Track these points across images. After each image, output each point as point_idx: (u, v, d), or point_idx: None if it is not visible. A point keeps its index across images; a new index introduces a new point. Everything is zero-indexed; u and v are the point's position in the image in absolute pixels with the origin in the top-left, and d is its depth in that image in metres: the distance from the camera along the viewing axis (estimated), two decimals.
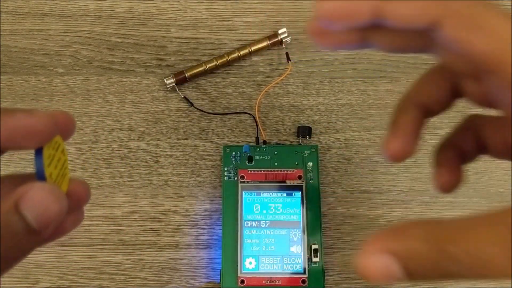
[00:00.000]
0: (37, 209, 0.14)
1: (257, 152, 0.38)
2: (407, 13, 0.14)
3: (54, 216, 0.15)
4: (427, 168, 0.39)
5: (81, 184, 0.18)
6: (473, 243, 0.12)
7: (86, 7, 0.42)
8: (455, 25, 0.14)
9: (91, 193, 0.19)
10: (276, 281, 0.34)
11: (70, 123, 0.18)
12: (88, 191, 0.19)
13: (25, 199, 0.14)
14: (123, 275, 0.37)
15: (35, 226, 0.14)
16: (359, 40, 0.16)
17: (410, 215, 0.38)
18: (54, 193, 0.15)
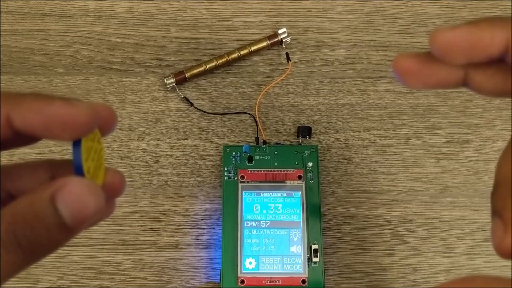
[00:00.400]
0: (74, 205, 0.14)
1: (257, 152, 0.38)
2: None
3: (90, 213, 0.14)
4: (427, 168, 0.39)
5: (117, 174, 0.17)
6: None
7: (86, 7, 0.42)
8: None
9: (126, 184, 0.17)
10: (276, 281, 0.34)
11: (112, 117, 0.16)
12: (124, 182, 0.17)
13: (62, 193, 0.14)
14: (123, 275, 0.37)
15: (69, 222, 0.14)
16: (459, 79, 0.15)
17: (410, 215, 0.38)
18: (92, 190, 0.14)
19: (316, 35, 0.42)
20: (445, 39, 0.13)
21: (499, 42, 0.13)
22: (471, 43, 0.13)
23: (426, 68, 0.14)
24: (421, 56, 0.14)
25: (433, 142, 0.40)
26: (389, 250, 0.38)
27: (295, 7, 0.42)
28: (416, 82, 0.15)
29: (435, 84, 0.15)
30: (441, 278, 0.37)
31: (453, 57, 0.13)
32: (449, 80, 0.15)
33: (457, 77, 0.15)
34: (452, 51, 0.13)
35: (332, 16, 0.42)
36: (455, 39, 0.13)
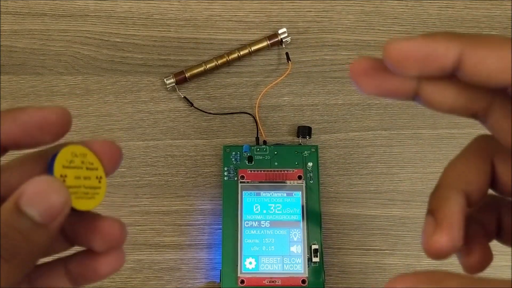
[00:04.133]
0: (38, 204, 0.14)
1: (257, 152, 0.38)
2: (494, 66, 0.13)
3: (57, 206, 0.14)
4: (427, 168, 0.39)
5: (115, 223, 0.17)
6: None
7: (86, 7, 0.42)
8: None
9: (127, 234, 0.18)
10: (276, 281, 0.34)
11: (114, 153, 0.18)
12: (123, 231, 0.17)
13: (24, 197, 0.14)
14: (123, 275, 0.37)
15: (40, 220, 0.14)
16: (411, 91, 0.14)
17: (410, 215, 0.38)
18: (52, 184, 0.15)
19: (316, 35, 0.42)
20: (399, 49, 0.13)
21: (452, 56, 0.13)
22: (424, 55, 0.13)
23: (381, 74, 0.14)
24: (379, 61, 0.14)
25: (433, 142, 0.40)
26: (389, 250, 0.38)
27: (295, 7, 0.42)
28: (369, 86, 0.15)
29: (387, 92, 0.15)
30: None
31: (406, 68, 0.13)
32: (401, 90, 0.14)
33: (409, 88, 0.14)
34: (406, 62, 0.13)
35: (332, 16, 0.42)
36: (409, 49, 0.13)
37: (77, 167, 0.16)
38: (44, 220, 0.14)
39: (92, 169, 0.17)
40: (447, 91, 0.14)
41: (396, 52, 0.13)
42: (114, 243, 0.17)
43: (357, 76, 0.15)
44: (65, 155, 0.16)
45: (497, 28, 0.42)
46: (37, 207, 0.14)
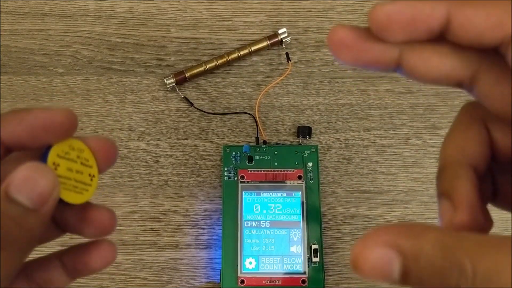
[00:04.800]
0: (26, 189, 0.14)
1: (257, 152, 0.38)
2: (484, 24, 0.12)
3: (45, 191, 0.15)
4: (427, 168, 0.39)
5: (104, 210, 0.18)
6: (488, 262, 0.11)
7: (86, 7, 0.42)
8: None
9: (116, 222, 0.18)
10: (276, 281, 0.34)
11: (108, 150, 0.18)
12: (113, 219, 0.18)
13: (12, 185, 0.14)
14: (123, 275, 0.37)
15: (30, 206, 0.14)
16: (393, 60, 0.14)
17: (410, 215, 0.38)
18: (39, 169, 0.15)
19: (316, 35, 0.42)
20: (384, 13, 0.13)
21: (440, 16, 0.13)
22: (411, 17, 0.13)
23: (361, 42, 0.14)
24: (359, 30, 0.14)
25: (433, 142, 0.40)
26: None
27: (295, 7, 0.42)
28: (348, 56, 0.14)
29: (367, 63, 0.14)
30: None
31: (392, 33, 0.13)
32: (382, 60, 0.14)
33: (391, 58, 0.14)
34: (391, 26, 0.13)
35: (332, 16, 0.42)
36: (394, 12, 0.13)
37: (72, 160, 0.16)
38: (34, 205, 0.14)
39: (86, 165, 0.17)
40: (431, 59, 0.14)
41: (381, 17, 0.13)
42: (104, 231, 0.18)
43: (335, 47, 0.14)
44: (62, 146, 0.16)
45: None
46: (25, 193, 0.14)
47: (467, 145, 0.15)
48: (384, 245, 0.12)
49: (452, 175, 0.15)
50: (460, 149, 0.16)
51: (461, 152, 0.15)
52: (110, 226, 0.18)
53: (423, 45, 0.14)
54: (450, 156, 0.16)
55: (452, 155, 0.16)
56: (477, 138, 0.15)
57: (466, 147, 0.15)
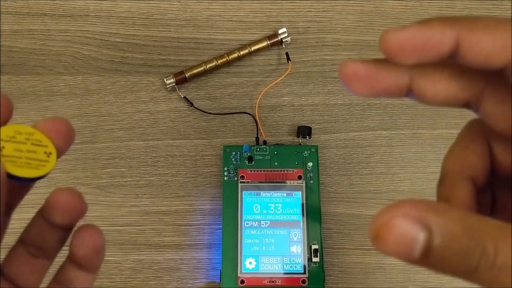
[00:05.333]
0: None
1: (257, 152, 0.38)
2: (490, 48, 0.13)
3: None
4: (427, 168, 0.39)
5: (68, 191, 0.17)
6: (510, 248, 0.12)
7: (86, 7, 0.42)
8: None
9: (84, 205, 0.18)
10: (276, 281, 0.34)
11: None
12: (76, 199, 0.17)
13: None
14: (123, 275, 0.37)
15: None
16: (405, 86, 0.15)
17: None
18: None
19: (316, 35, 0.42)
20: (395, 39, 0.13)
21: (449, 41, 0.13)
22: (422, 42, 0.13)
23: (373, 73, 0.14)
24: (368, 61, 0.15)
25: (433, 142, 0.40)
26: None
27: (295, 7, 0.42)
28: (363, 87, 0.14)
29: (381, 90, 0.15)
30: (441, 278, 0.37)
31: (404, 56, 0.14)
32: (394, 87, 0.15)
33: (402, 84, 0.15)
34: (403, 51, 0.13)
35: (332, 16, 0.42)
36: (406, 38, 0.13)
37: (20, 142, 0.17)
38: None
39: (39, 145, 0.17)
40: (440, 82, 0.15)
41: (393, 43, 0.13)
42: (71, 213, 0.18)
43: (349, 80, 0.14)
44: (5, 131, 0.17)
45: None
46: None
47: (469, 158, 0.16)
48: (411, 218, 0.12)
49: (452, 183, 0.16)
50: (462, 161, 0.16)
51: (462, 164, 0.16)
52: (73, 206, 0.17)
53: (431, 69, 0.14)
54: (451, 167, 0.17)
55: (454, 166, 0.17)
56: (479, 152, 0.16)
57: (467, 160, 0.16)
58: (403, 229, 0.12)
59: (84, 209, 0.18)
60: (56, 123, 0.18)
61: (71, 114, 0.40)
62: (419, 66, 0.14)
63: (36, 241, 0.18)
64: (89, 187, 0.38)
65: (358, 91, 0.15)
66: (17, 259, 0.18)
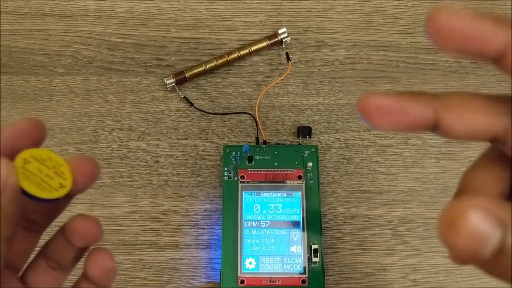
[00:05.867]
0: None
1: (257, 152, 0.38)
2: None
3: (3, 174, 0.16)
4: (427, 168, 0.39)
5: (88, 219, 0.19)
6: None
7: (86, 7, 0.42)
8: None
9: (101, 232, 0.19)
10: (276, 281, 0.34)
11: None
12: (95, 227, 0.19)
13: None
14: (123, 275, 0.37)
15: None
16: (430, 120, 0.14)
17: (410, 215, 0.38)
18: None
19: (316, 35, 0.42)
20: (447, 22, 0.13)
21: (499, 43, 0.13)
22: (471, 32, 0.13)
23: (397, 107, 0.14)
24: (391, 95, 0.14)
25: (433, 142, 0.40)
26: (389, 250, 0.38)
27: (295, 7, 0.42)
28: (386, 122, 0.14)
29: (406, 125, 0.14)
30: (441, 278, 0.37)
31: (447, 43, 0.13)
32: (420, 121, 0.14)
33: (428, 118, 0.14)
34: (450, 37, 0.13)
35: (332, 16, 0.42)
36: (457, 23, 0.13)
37: (46, 166, 0.18)
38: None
39: (60, 176, 0.18)
40: (467, 116, 0.14)
41: (443, 25, 0.13)
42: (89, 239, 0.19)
43: (369, 115, 0.14)
44: (39, 153, 0.17)
45: None
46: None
47: (489, 177, 0.16)
48: (488, 212, 0.11)
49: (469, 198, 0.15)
50: (482, 180, 0.16)
51: (482, 182, 0.16)
52: (91, 233, 0.19)
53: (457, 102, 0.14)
54: (470, 183, 0.16)
55: (473, 182, 0.16)
56: (500, 174, 0.16)
57: (488, 179, 0.16)
58: (477, 222, 0.11)
59: (100, 236, 0.19)
60: (86, 163, 0.18)
61: (71, 114, 0.40)
62: (445, 98, 0.14)
63: (55, 255, 0.20)
64: None
65: (380, 126, 0.14)
66: (38, 270, 0.20)
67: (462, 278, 0.37)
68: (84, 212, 0.19)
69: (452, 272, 0.37)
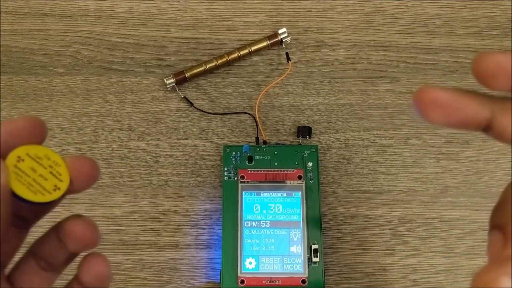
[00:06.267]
0: None
1: (257, 152, 0.38)
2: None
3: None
4: (427, 168, 0.39)
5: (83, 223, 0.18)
6: None
7: (86, 7, 0.42)
8: None
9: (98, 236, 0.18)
10: (276, 281, 0.34)
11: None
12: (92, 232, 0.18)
13: None
14: (123, 275, 0.37)
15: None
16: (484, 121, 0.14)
17: (410, 215, 0.38)
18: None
19: (316, 35, 0.42)
20: (494, 61, 0.13)
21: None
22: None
23: (453, 101, 0.14)
24: (448, 89, 0.14)
25: (433, 142, 0.40)
26: (389, 250, 0.38)
27: (295, 7, 0.42)
28: (440, 115, 0.14)
29: (458, 120, 0.14)
30: (441, 278, 0.37)
31: (495, 82, 0.13)
32: (474, 119, 0.14)
33: (483, 117, 0.14)
34: (496, 76, 0.13)
35: (332, 16, 0.42)
36: (502, 63, 0.13)
37: (41, 165, 0.16)
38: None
39: (56, 177, 0.17)
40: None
41: (489, 65, 0.13)
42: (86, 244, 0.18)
43: (426, 107, 0.14)
44: (35, 150, 0.16)
45: (497, 28, 0.42)
46: None
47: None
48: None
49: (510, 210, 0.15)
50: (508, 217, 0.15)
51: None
52: (88, 238, 0.18)
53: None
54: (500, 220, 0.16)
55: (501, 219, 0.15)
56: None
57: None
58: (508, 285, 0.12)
59: (97, 240, 0.18)
60: (85, 164, 0.17)
61: (71, 114, 0.40)
62: (503, 101, 0.14)
63: (46, 256, 0.19)
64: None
65: (433, 119, 0.14)
66: (27, 270, 0.19)
67: (462, 278, 0.37)
68: (84, 212, 0.19)
69: (452, 272, 0.37)
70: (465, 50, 0.42)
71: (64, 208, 0.20)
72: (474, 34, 0.42)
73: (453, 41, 0.42)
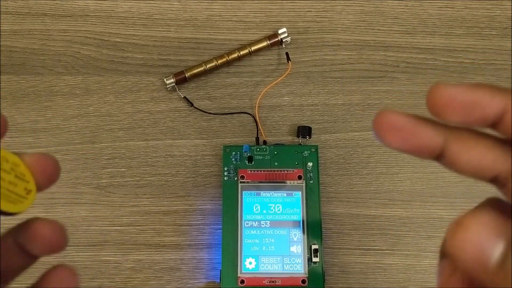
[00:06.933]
0: None
1: (257, 152, 0.38)
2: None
3: None
4: (427, 168, 0.39)
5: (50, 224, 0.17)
6: None
7: (86, 7, 0.42)
8: None
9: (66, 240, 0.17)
10: (276, 281, 0.34)
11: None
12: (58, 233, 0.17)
13: None
14: (123, 275, 0.37)
15: None
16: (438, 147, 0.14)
17: (410, 215, 0.38)
18: None
19: (316, 35, 0.42)
20: (445, 94, 0.13)
21: (496, 107, 0.13)
22: (470, 101, 0.13)
23: (410, 126, 0.14)
24: (407, 114, 0.14)
25: None
26: (389, 250, 0.38)
27: (295, 7, 0.42)
28: (396, 139, 0.14)
29: (413, 146, 0.14)
30: None
31: (449, 114, 0.14)
32: (428, 145, 0.14)
33: (437, 144, 0.14)
34: (450, 108, 0.13)
35: (332, 16, 0.42)
36: (455, 95, 0.13)
37: (5, 171, 0.15)
38: None
39: (22, 179, 0.16)
40: (475, 149, 0.14)
41: (442, 97, 0.14)
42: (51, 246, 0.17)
43: (383, 130, 0.14)
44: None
45: (497, 28, 0.42)
46: None
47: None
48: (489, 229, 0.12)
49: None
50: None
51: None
52: (56, 241, 0.17)
53: (468, 135, 0.14)
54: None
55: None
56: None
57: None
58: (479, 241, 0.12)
59: (65, 244, 0.17)
60: (43, 160, 0.16)
61: (71, 114, 0.40)
62: (456, 130, 0.14)
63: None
64: (89, 187, 0.38)
65: (390, 143, 0.14)
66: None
67: None
68: (84, 212, 0.18)
69: None
70: (465, 50, 0.42)
71: (64, 208, 0.20)
72: (474, 34, 0.42)
73: (453, 41, 0.42)
